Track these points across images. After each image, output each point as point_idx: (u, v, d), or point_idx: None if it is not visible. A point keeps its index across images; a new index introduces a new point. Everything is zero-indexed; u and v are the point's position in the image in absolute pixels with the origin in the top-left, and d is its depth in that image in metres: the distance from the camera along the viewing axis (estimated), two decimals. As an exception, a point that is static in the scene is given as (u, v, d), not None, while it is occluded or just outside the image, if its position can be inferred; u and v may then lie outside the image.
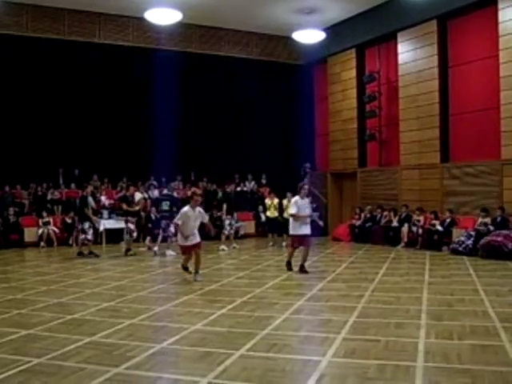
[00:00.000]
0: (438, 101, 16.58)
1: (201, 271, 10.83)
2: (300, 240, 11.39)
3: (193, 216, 10.48)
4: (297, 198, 11.53)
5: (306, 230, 11.41)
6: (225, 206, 17.12)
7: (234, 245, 16.32)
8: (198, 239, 10.58)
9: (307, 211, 11.54)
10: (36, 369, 5.28)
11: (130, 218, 15.21)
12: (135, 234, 15.29)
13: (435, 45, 16.65)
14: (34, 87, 18.33)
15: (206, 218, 11.17)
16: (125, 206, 15.24)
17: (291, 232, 11.57)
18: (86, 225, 14.72)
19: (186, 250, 10.65)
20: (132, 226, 15.18)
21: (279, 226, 16.66)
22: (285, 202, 16.49)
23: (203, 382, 4.88)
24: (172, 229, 14.02)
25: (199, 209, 10.78)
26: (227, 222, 16.78)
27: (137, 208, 15.44)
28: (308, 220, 11.53)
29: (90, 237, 14.77)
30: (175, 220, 10.84)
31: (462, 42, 16.19)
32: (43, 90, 18.48)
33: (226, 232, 16.60)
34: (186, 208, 10.63)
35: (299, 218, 11.28)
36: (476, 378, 4.82)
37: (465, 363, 5.20)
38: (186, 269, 10.74)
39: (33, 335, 6.52)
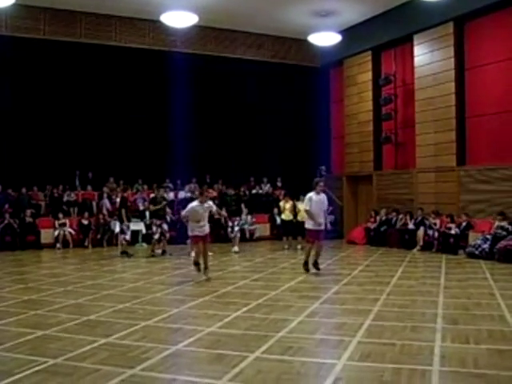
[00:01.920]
0: (455, 103, 16.48)
1: (217, 273, 10.87)
2: (315, 234, 11.44)
3: (201, 210, 10.74)
4: (312, 193, 11.55)
5: (321, 225, 11.45)
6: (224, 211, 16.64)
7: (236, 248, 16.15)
8: (206, 231, 10.91)
9: (323, 206, 11.57)
10: (52, 369, 5.32)
11: (154, 221, 15.22)
12: (156, 237, 15.16)
13: (452, 47, 16.54)
14: (50, 90, 18.45)
15: (214, 208, 11.42)
16: (152, 207, 15.25)
17: (306, 226, 11.66)
18: (125, 226, 15.11)
19: (196, 240, 10.88)
20: (154, 228, 15.18)
21: (294, 229, 16.64)
22: (299, 204, 16.49)
23: (218, 384, 4.89)
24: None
25: (209, 202, 11.10)
26: (235, 223, 16.76)
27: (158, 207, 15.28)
28: (322, 215, 11.55)
29: (127, 237, 15.20)
30: (182, 212, 11.25)
31: (479, 44, 16.08)
32: (60, 92, 18.60)
33: (233, 234, 16.63)
34: (195, 203, 10.88)
35: (313, 214, 11.33)
36: (492, 383, 4.78)
37: (481, 368, 5.16)
38: (197, 264, 10.85)
39: (49, 336, 6.56)
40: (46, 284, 10.48)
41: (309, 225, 11.52)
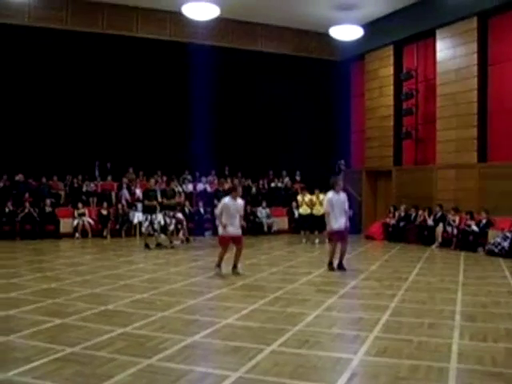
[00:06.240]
0: (477, 99, 16.31)
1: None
2: (339, 235, 10.93)
3: (233, 206, 10.30)
4: (331, 194, 11.01)
5: (343, 224, 10.94)
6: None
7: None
8: (238, 232, 10.46)
9: (344, 206, 11.00)
10: (69, 357, 5.36)
11: (167, 212, 15.24)
12: (171, 228, 15.24)
13: (475, 42, 16.36)
14: (73, 80, 18.56)
15: (241, 212, 10.73)
16: (165, 201, 15.18)
17: (328, 228, 11.10)
18: (153, 216, 15.05)
19: (224, 242, 10.44)
20: (168, 220, 15.23)
21: (311, 223, 16.61)
22: (313, 198, 16.49)
23: (234, 376, 4.89)
24: None
25: (240, 201, 10.58)
26: None
27: (174, 201, 15.31)
28: (344, 215, 10.97)
29: (143, 229, 15.13)
30: (215, 210, 10.81)
31: (502, 40, 15.89)
32: (82, 82, 18.71)
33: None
34: (227, 199, 10.45)
35: (336, 216, 10.84)
36: (510, 383, 4.74)
37: (499, 366, 5.12)
38: (218, 265, 10.42)
39: (67, 324, 6.62)
40: (64, 273, 10.57)
41: (331, 227, 10.94)
